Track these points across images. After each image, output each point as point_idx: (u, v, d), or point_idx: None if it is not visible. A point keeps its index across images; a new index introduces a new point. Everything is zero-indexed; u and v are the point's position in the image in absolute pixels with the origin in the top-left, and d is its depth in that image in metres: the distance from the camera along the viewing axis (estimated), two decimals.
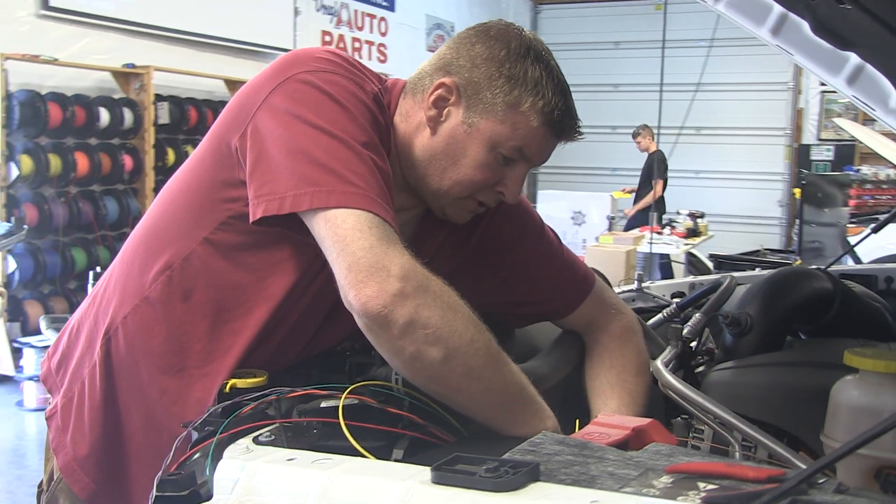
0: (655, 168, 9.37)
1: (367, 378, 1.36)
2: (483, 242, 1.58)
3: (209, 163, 1.39)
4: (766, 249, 5.82)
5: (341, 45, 10.29)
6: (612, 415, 1.20)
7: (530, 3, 14.05)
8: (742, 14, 2.27)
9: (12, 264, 5.81)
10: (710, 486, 0.89)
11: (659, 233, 8.61)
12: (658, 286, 2.53)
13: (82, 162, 6.30)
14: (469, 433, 1.28)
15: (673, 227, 8.93)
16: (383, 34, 11.07)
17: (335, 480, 0.96)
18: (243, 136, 1.30)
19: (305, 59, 1.34)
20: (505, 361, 1.27)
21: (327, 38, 10.07)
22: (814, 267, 1.86)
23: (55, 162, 6.08)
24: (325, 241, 1.22)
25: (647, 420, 1.14)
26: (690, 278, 2.55)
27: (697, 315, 1.69)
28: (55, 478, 1.54)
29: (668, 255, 8.49)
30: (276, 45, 8.64)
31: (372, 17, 10.88)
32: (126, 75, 6.88)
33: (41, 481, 1.59)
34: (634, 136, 10.03)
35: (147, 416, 1.45)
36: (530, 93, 1.36)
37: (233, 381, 1.34)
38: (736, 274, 2.06)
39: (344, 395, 1.22)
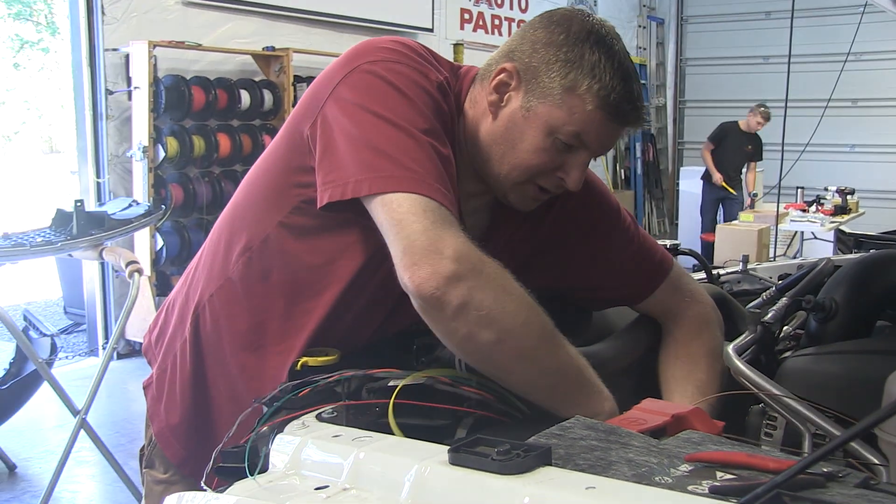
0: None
1: (431, 358, 1.40)
2: (557, 227, 1.59)
3: (284, 150, 1.45)
4: None
5: (481, 22, 10.30)
6: (658, 401, 1.19)
7: None
8: None
9: (160, 242, 6.15)
10: (728, 476, 0.88)
11: (804, 210, 8.27)
12: (765, 268, 2.46)
13: (224, 143, 6.57)
14: (534, 412, 1.29)
15: (820, 205, 8.55)
16: (523, 10, 10.99)
17: (367, 456, 1.00)
18: (314, 125, 1.36)
19: (371, 50, 1.38)
20: (560, 344, 1.28)
21: (466, 16, 10.09)
22: None
23: (199, 143, 6.38)
24: (383, 224, 1.26)
25: (689, 407, 1.13)
26: (799, 259, 2.45)
27: (784, 299, 1.64)
28: (152, 443, 1.66)
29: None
30: (416, 24, 8.75)
31: None
32: (266, 58, 7.12)
33: (142, 446, 1.71)
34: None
35: (231, 389, 1.54)
36: (587, 76, 1.35)
37: (304, 359, 1.41)
38: (836, 258, 1.98)
39: (411, 377, 1.26)
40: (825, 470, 0.88)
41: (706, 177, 9.71)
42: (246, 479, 1.09)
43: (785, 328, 1.75)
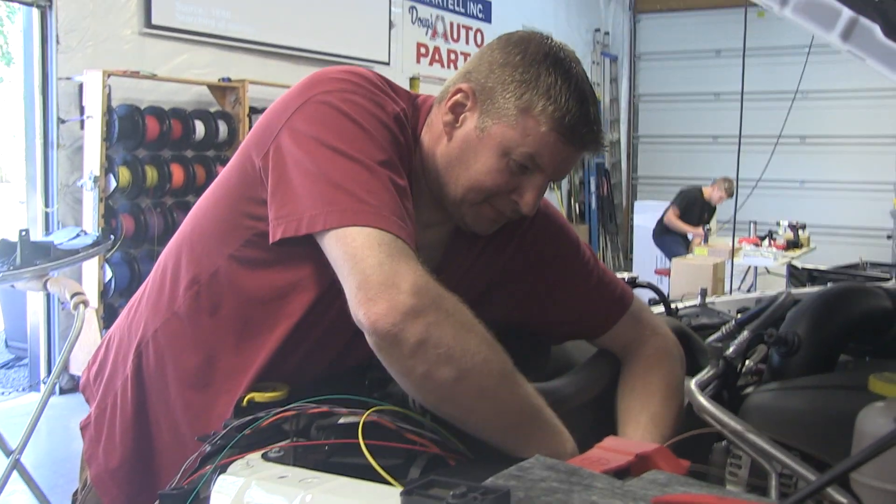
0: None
1: (384, 393, 1.35)
2: (516, 259, 1.55)
3: (235, 180, 1.40)
4: (866, 262, 5.57)
5: (437, 56, 10.33)
6: (620, 439, 1.14)
7: (629, 11, 13.86)
8: (810, 19, 2.16)
9: (109, 273, 6.01)
10: None
11: (757, 244, 8.36)
12: (723, 301, 2.44)
13: (178, 173, 6.46)
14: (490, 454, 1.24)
15: (773, 239, 8.65)
16: (479, 45, 11.05)
17: (314, 499, 0.94)
18: (266, 156, 1.31)
19: (326, 80, 1.34)
20: (520, 383, 1.23)
21: (423, 50, 10.12)
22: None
23: (151, 173, 6.27)
24: (337, 259, 1.21)
25: (653, 445, 1.08)
26: (758, 293, 2.44)
27: (745, 333, 1.62)
28: (87, 486, 1.57)
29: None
30: (372, 57, 8.72)
31: (468, 28, 10.88)
32: (222, 89, 7.04)
33: (76, 490, 1.62)
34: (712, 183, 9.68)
35: (174, 430, 1.46)
36: (542, 97, 1.32)
37: (252, 394, 1.34)
38: (795, 291, 1.96)
39: (366, 415, 1.20)
40: None
41: (662, 232, 9.62)
42: None
43: (747, 363, 1.72)
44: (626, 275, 2.13)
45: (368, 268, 1.15)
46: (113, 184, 6.01)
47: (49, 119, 6.09)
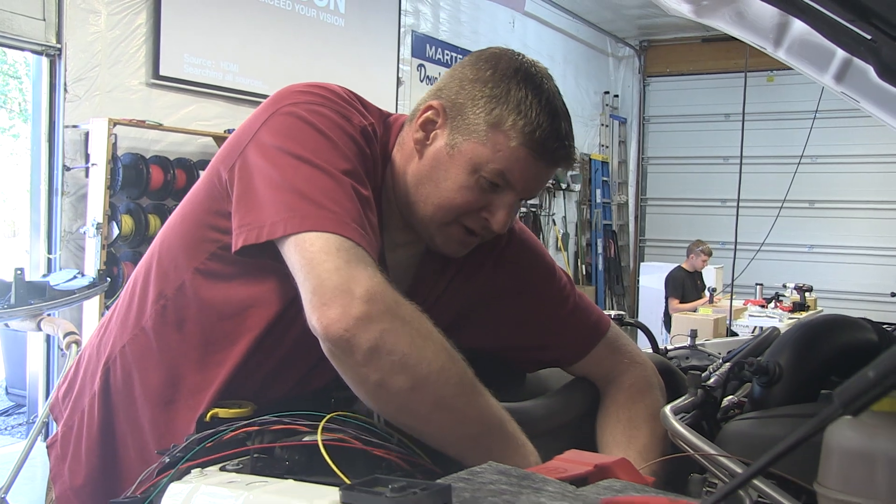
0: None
1: (349, 412, 1.31)
2: (490, 283, 1.53)
3: (203, 195, 1.39)
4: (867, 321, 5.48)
5: None
6: (583, 452, 1.10)
7: (639, 75, 13.99)
8: (804, 61, 2.16)
9: None
10: None
11: (763, 306, 8.30)
12: (714, 343, 2.40)
13: None
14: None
15: (779, 301, 8.59)
16: None
17: (255, 499, 0.91)
18: (232, 169, 1.30)
19: (293, 93, 1.34)
20: (481, 393, 1.20)
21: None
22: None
23: (154, 222, 6.28)
24: (295, 266, 1.18)
25: (614, 457, 1.04)
26: (750, 336, 2.40)
27: (726, 363, 1.58)
28: None
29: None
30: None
31: None
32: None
33: None
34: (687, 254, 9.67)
35: (140, 447, 1.43)
36: (512, 112, 1.30)
37: (216, 409, 1.31)
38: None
39: (321, 424, 1.17)
40: None
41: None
42: None
43: (730, 397, 1.68)
44: (612, 312, 2.10)
45: (324, 272, 1.13)
46: (115, 231, 6.03)
47: (55, 166, 6.13)
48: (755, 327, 7.66)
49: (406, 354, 1.12)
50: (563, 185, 12.03)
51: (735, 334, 7.54)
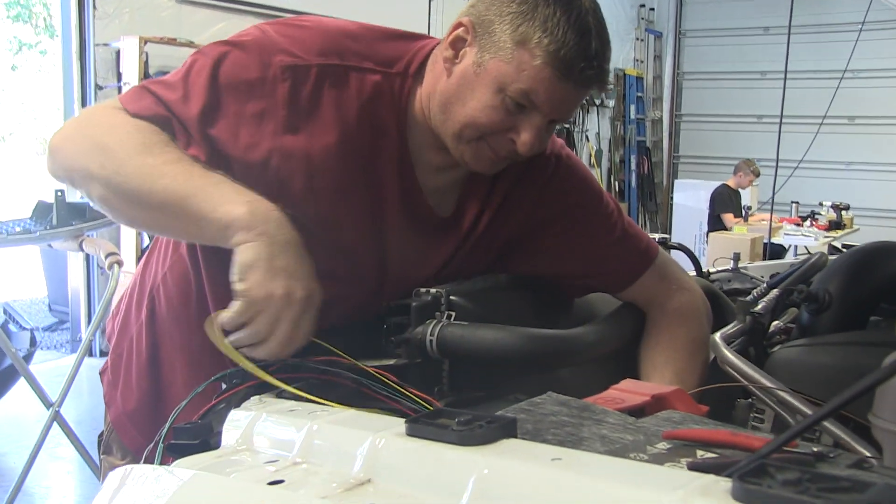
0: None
1: (401, 339, 1.32)
2: (538, 210, 1.51)
3: None
4: None
5: None
6: (638, 381, 1.11)
7: None
8: None
9: (147, 237, 6.06)
10: (709, 455, 0.81)
11: (798, 224, 8.23)
12: (757, 266, 2.39)
13: None
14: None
15: (815, 220, 8.51)
16: None
17: (320, 429, 0.93)
18: None
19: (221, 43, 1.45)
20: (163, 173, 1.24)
21: None
22: None
23: None
24: None
25: (670, 388, 1.05)
26: (792, 259, 2.39)
27: (774, 290, 1.57)
28: (109, 428, 1.58)
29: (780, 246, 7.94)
30: (410, 29, 8.65)
31: None
32: None
33: (101, 431, 1.63)
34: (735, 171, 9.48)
35: (190, 371, 1.45)
36: (538, 29, 1.25)
37: None
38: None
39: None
40: (815, 450, 0.81)
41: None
42: (195, 454, 1.02)
43: (776, 322, 1.68)
44: (657, 235, 2.09)
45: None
46: None
47: (87, 85, 6.14)
48: (791, 246, 7.62)
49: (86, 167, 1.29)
50: (597, 102, 11.86)
51: (783, 249, 7.46)
